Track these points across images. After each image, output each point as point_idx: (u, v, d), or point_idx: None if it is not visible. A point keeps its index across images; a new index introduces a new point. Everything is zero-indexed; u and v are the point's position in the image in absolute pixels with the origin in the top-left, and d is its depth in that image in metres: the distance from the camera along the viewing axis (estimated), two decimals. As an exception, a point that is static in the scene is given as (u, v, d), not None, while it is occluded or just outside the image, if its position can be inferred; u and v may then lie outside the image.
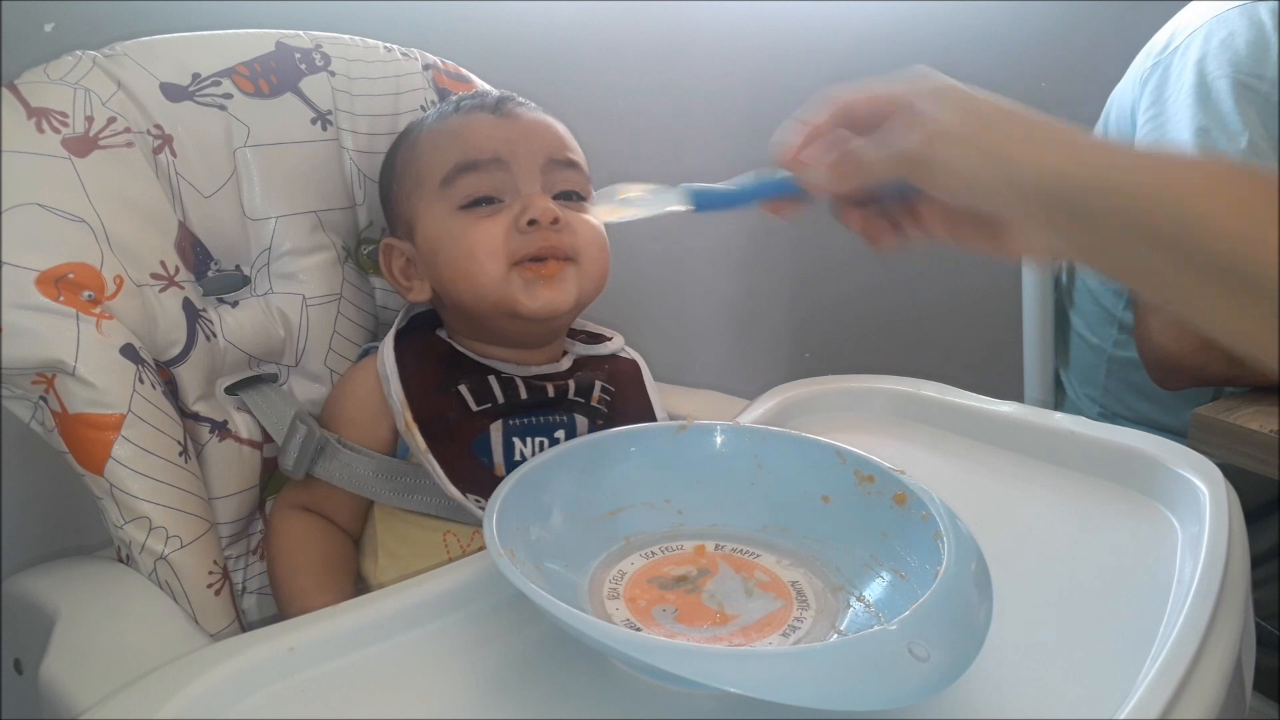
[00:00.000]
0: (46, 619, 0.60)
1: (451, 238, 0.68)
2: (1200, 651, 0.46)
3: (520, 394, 0.70)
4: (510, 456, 0.68)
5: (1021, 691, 0.47)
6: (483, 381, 0.70)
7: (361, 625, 0.50)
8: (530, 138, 0.70)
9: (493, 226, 0.67)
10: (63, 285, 0.62)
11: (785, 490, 0.58)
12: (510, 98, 0.73)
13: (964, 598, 0.46)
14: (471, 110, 0.72)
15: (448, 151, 0.69)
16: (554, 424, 0.70)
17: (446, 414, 0.68)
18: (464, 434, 0.68)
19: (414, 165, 0.71)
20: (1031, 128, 0.47)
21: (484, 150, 0.68)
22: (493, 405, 0.69)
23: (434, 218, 0.69)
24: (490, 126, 0.70)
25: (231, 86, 0.73)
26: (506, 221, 0.67)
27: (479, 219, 0.68)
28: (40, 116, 0.64)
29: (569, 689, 0.47)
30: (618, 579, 0.53)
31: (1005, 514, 0.62)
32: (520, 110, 0.72)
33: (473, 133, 0.70)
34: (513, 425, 0.69)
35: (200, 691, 0.45)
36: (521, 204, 0.67)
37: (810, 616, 0.50)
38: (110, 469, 0.62)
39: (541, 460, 0.56)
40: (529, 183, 0.68)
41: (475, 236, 0.67)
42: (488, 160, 0.68)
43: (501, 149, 0.68)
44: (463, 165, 0.68)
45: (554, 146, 0.70)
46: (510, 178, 0.68)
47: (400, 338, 0.72)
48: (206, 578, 0.65)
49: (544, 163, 0.69)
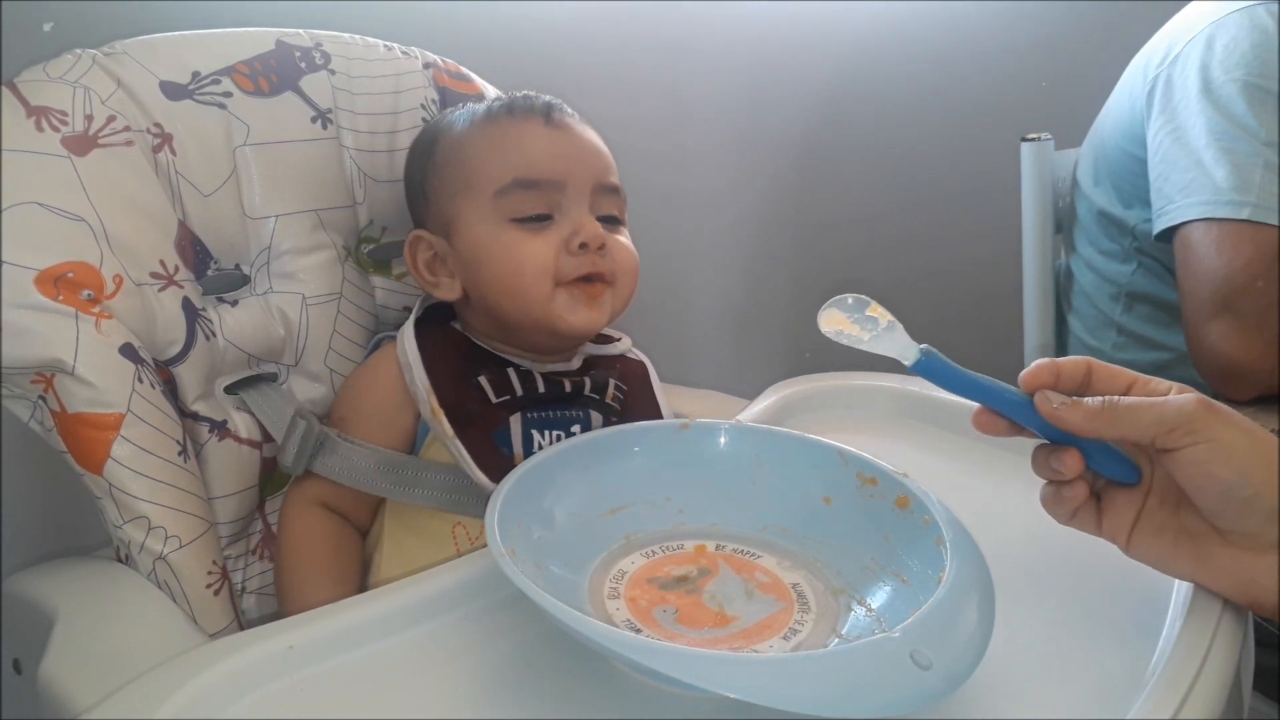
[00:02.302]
0: (46, 619, 0.60)
1: (502, 250, 0.68)
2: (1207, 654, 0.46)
3: (538, 388, 0.70)
4: (529, 448, 0.68)
5: (1024, 697, 0.47)
6: (501, 374, 0.70)
7: (361, 623, 0.50)
8: (584, 159, 0.70)
9: (543, 246, 0.68)
10: (62, 284, 0.61)
11: (786, 491, 0.58)
12: (558, 106, 0.73)
13: (967, 605, 0.46)
14: (525, 117, 0.71)
15: (505, 162, 0.69)
16: (571, 418, 0.70)
17: (468, 404, 0.68)
18: (485, 424, 0.68)
19: (462, 166, 0.71)
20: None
21: (544, 170, 0.68)
22: (511, 398, 0.69)
23: (483, 225, 0.69)
24: (548, 142, 0.70)
25: (231, 85, 0.72)
26: (557, 242, 0.68)
27: (530, 234, 0.68)
28: (40, 115, 0.64)
29: (569, 689, 0.47)
30: (618, 578, 0.52)
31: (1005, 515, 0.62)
32: (570, 123, 0.72)
33: (532, 147, 0.69)
34: (531, 418, 0.69)
35: (199, 690, 0.45)
36: (573, 226, 0.68)
37: (810, 620, 0.50)
38: (109, 469, 0.62)
39: (543, 458, 0.56)
40: (579, 204, 0.69)
41: (526, 253, 0.68)
42: (546, 181, 0.68)
43: (559, 170, 0.69)
44: (522, 182, 0.68)
45: (602, 171, 0.71)
46: (564, 199, 0.69)
47: (418, 328, 0.72)
48: (205, 578, 0.65)
49: (594, 186, 0.70)
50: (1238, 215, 0.94)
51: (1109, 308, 1.16)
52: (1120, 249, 1.14)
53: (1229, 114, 0.97)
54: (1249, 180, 0.95)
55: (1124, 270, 1.14)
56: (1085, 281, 1.20)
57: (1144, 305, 1.13)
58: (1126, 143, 1.10)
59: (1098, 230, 1.17)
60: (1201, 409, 0.46)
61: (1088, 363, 0.50)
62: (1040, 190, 1.21)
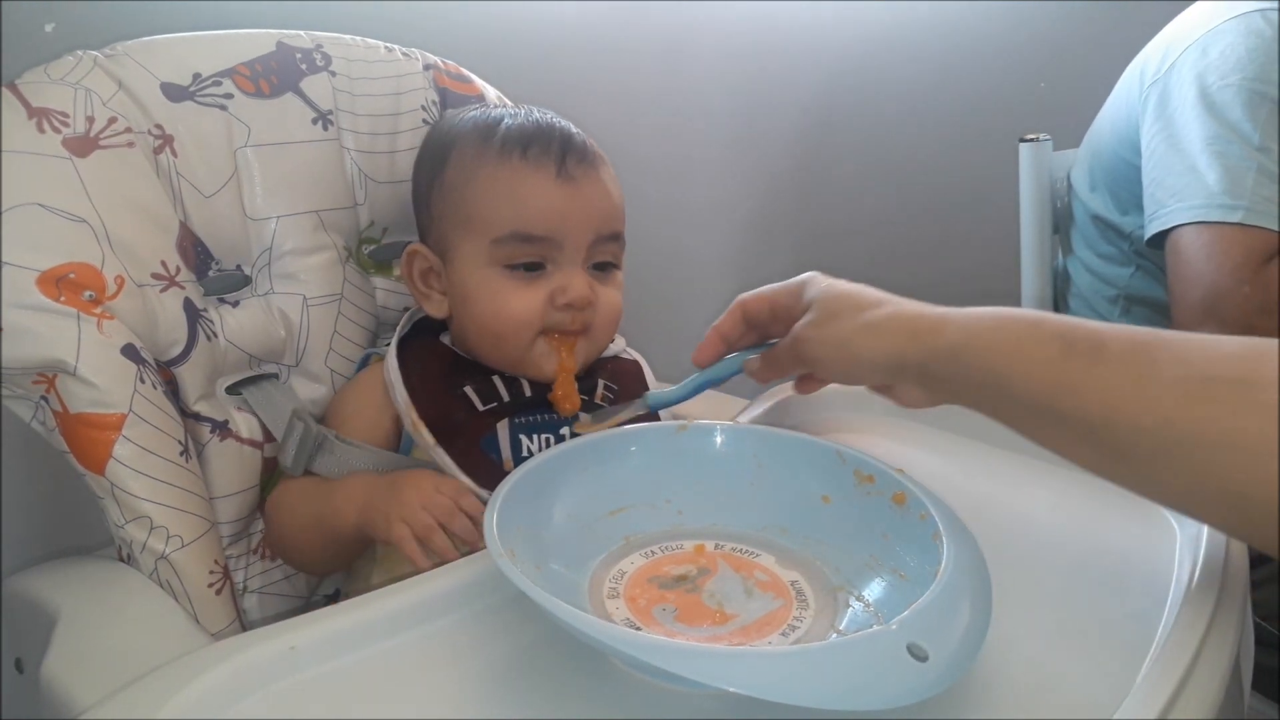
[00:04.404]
0: (47, 618, 0.60)
1: (490, 296, 0.69)
2: (1199, 651, 0.46)
3: (525, 392, 0.71)
4: (518, 453, 0.69)
5: (1020, 691, 0.47)
6: (487, 382, 0.71)
7: (362, 625, 0.50)
8: (587, 212, 0.69)
9: (530, 298, 0.68)
10: (63, 285, 0.62)
11: (785, 490, 0.58)
12: (573, 147, 0.70)
13: (963, 598, 0.46)
14: (538, 163, 0.69)
15: (508, 213, 0.68)
16: (559, 421, 0.70)
17: (454, 415, 0.69)
18: (472, 433, 0.68)
19: (465, 203, 0.70)
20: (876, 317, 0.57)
21: (545, 227, 0.68)
22: (498, 404, 0.70)
23: (476, 267, 0.70)
24: (555, 197, 0.68)
25: (232, 86, 0.73)
26: (544, 295, 0.68)
27: (519, 285, 0.69)
28: (41, 116, 0.64)
29: (569, 688, 0.47)
30: (618, 578, 0.53)
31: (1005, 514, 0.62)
32: (582, 171, 0.70)
33: (537, 202, 0.68)
34: (519, 423, 0.69)
35: (201, 691, 0.45)
36: (562, 281, 0.68)
37: (809, 616, 0.50)
38: (111, 469, 0.62)
39: (542, 460, 0.56)
40: (574, 259, 0.69)
41: (512, 305, 0.68)
42: (545, 238, 0.68)
43: (556, 228, 0.68)
44: (520, 235, 0.68)
45: (604, 221, 0.70)
46: (560, 254, 0.69)
47: (404, 343, 0.72)
48: (207, 577, 0.65)
49: (594, 240, 0.70)
50: (1229, 219, 0.95)
51: (1106, 310, 1.17)
52: (1118, 253, 1.14)
53: (1224, 119, 0.97)
54: (1241, 184, 0.95)
55: (1122, 274, 1.14)
56: (1083, 284, 1.20)
57: (1142, 308, 1.14)
58: (1123, 149, 1.10)
59: (1095, 234, 1.17)
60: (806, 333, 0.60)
61: (739, 306, 0.65)
62: (1039, 191, 1.21)
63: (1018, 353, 0.51)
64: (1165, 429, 0.45)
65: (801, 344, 0.60)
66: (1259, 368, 0.44)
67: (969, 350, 0.53)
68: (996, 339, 0.52)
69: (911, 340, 0.55)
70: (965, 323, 0.54)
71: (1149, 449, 0.46)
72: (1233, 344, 0.46)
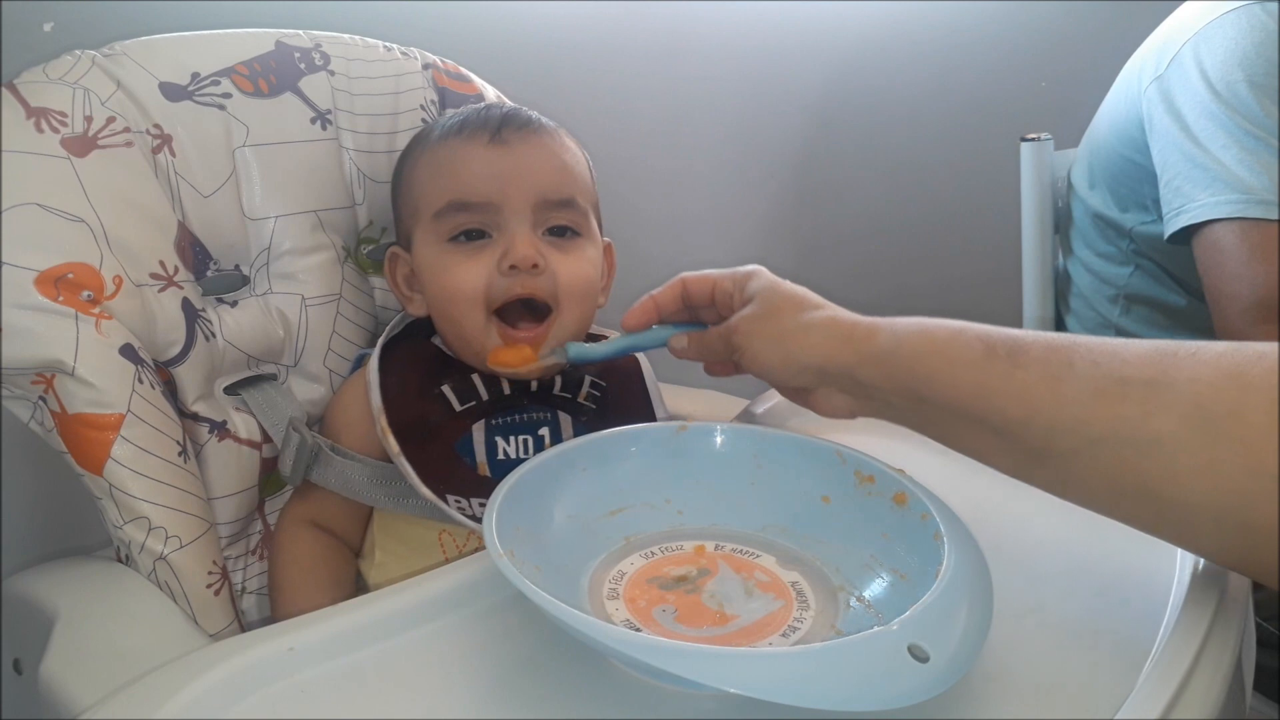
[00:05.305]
0: (46, 619, 0.60)
1: (439, 273, 0.68)
2: (1200, 652, 0.46)
3: (504, 389, 0.70)
4: (493, 456, 0.68)
5: (1021, 691, 0.47)
6: (465, 380, 0.70)
7: (361, 625, 0.50)
8: (524, 175, 0.68)
9: (475, 268, 0.67)
10: (62, 285, 0.62)
11: (785, 490, 0.58)
12: (513, 118, 0.71)
13: (964, 598, 0.46)
14: (472, 135, 0.69)
15: (442, 184, 0.69)
16: (537, 421, 0.70)
17: (429, 417, 0.68)
18: (447, 435, 0.68)
19: (413, 189, 0.71)
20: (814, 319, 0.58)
21: (478, 191, 0.67)
22: (476, 404, 0.69)
23: (427, 246, 0.70)
24: (485, 161, 0.68)
25: (231, 86, 0.73)
26: (489, 263, 0.67)
27: (464, 257, 0.68)
28: (39, 116, 0.64)
29: (569, 689, 0.47)
30: (617, 579, 0.53)
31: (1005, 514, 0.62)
32: (520, 137, 0.69)
33: (467, 168, 0.68)
34: (495, 425, 0.69)
35: (200, 691, 0.45)
36: (505, 244, 0.67)
37: (810, 617, 0.50)
38: (109, 469, 0.62)
39: (541, 460, 0.56)
40: (518, 222, 0.68)
41: (459, 276, 0.67)
42: (481, 203, 0.67)
43: (493, 191, 0.67)
44: (456, 204, 0.68)
45: (548, 185, 0.69)
46: (501, 218, 0.68)
47: (393, 344, 0.72)
48: (206, 578, 0.65)
49: (536, 202, 0.68)
50: (1271, 215, 0.94)
51: (1106, 310, 1.16)
52: (1118, 251, 1.14)
53: (1245, 114, 0.96)
54: (1276, 180, 0.94)
55: (1121, 273, 1.14)
56: (1083, 283, 1.20)
57: (1142, 307, 1.13)
58: (1123, 147, 1.09)
59: (1094, 233, 1.17)
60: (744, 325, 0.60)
61: (681, 283, 0.66)
62: (1040, 190, 1.21)
63: (942, 356, 0.52)
64: (1081, 428, 0.46)
65: (737, 334, 0.61)
66: (1169, 369, 0.45)
67: (896, 356, 0.54)
68: (922, 344, 0.53)
69: (844, 344, 0.56)
70: (895, 330, 0.55)
71: (1066, 448, 0.47)
72: (1144, 345, 0.47)
